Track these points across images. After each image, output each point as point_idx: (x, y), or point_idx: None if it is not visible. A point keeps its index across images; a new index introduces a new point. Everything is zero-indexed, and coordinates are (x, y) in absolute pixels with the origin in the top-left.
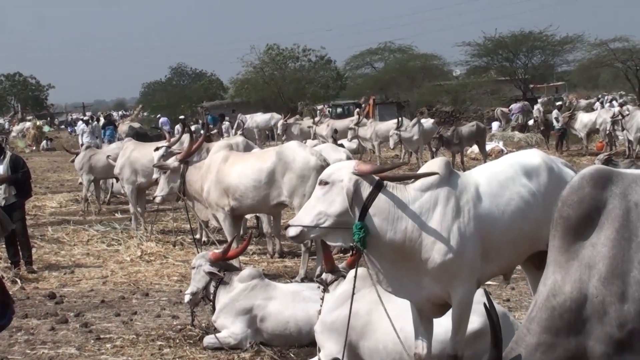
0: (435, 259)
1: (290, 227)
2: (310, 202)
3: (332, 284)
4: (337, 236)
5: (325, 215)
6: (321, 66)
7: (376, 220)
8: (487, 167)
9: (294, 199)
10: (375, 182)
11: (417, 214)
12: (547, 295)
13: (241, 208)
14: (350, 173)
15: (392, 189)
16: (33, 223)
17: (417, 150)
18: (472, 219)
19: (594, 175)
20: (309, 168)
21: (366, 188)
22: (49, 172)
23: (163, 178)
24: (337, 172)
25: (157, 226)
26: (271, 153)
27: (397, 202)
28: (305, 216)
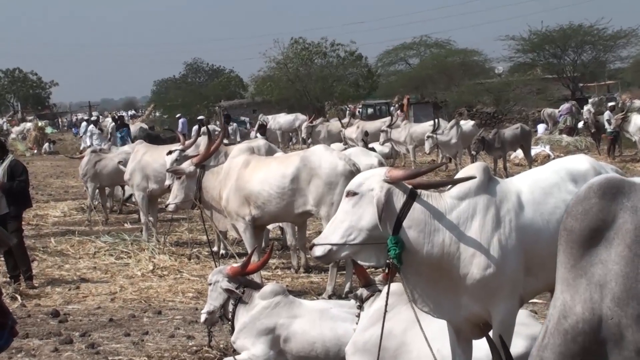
0: (474, 275)
1: (316, 246)
2: (338, 217)
3: (368, 300)
4: (370, 254)
5: (355, 230)
6: (351, 62)
7: (411, 233)
8: (530, 173)
9: (320, 207)
10: (409, 191)
11: (455, 225)
12: (558, 318)
13: (263, 217)
14: (381, 181)
15: (427, 198)
16: (34, 234)
17: (456, 155)
18: (514, 230)
19: (602, 185)
20: (337, 174)
21: (399, 197)
22: (51, 177)
23: (177, 184)
24: (366, 181)
25: (170, 237)
26: (295, 158)
27: (433, 212)
28: (332, 233)
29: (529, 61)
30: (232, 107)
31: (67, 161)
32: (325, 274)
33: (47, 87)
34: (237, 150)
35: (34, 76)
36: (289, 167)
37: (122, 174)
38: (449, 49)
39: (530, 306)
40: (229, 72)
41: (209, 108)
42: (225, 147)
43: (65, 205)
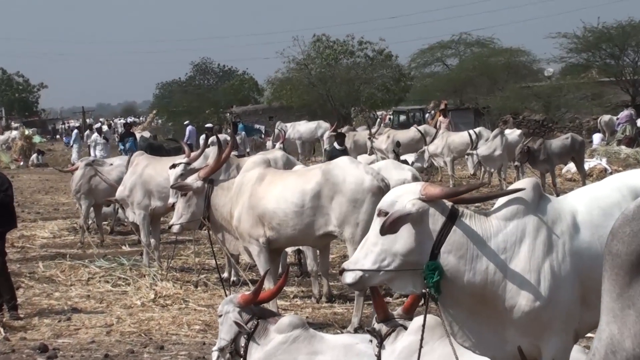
0: (522, 307)
1: (347, 272)
2: (369, 239)
3: (389, 336)
4: (406, 281)
5: (388, 255)
6: (380, 63)
7: (451, 258)
8: (586, 190)
9: (344, 228)
10: (448, 211)
11: (501, 250)
12: (606, 353)
13: (280, 239)
14: (416, 200)
15: (470, 219)
16: (20, 257)
17: (500, 168)
18: (568, 255)
19: None
20: (363, 190)
21: (438, 218)
22: (39, 193)
23: (182, 202)
24: (399, 199)
25: (174, 262)
26: (317, 171)
27: (476, 235)
28: (364, 257)
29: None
30: (246, 114)
31: (58, 175)
32: (350, 304)
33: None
34: (250, 163)
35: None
36: (309, 182)
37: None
38: (492, 48)
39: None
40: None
41: (220, 114)
42: (238, 160)
43: (55, 225)
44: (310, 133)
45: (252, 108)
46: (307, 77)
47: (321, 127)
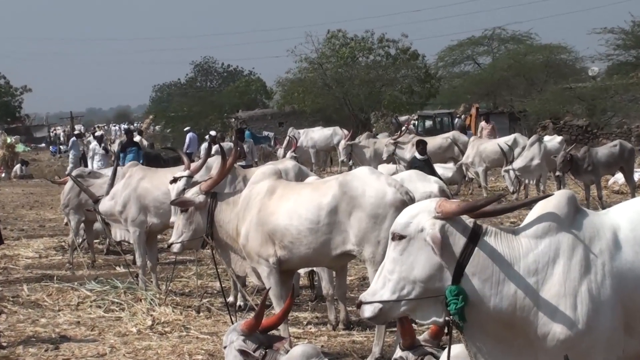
0: (556, 335)
1: (365, 305)
2: (386, 266)
3: None
4: (429, 309)
5: (407, 282)
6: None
7: (475, 282)
8: (631, 204)
9: (364, 247)
10: (470, 229)
11: (531, 272)
12: None
13: (292, 260)
14: (432, 218)
15: (495, 237)
16: (2, 280)
17: (539, 180)
18: (608, 277)
19: None
20: (385, 204)
21: (458, 238)
22: (23, 208)
23: (182, 219)
24: (414, 219)
25: (174, 284)
26: (333, 183)
27: (503, 255)
28: (382, 287)
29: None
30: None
31: (44, 187)
32: (370, 332)
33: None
34: (259, 174)
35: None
36: (325, 196)
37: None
38: (529, 45)
39: None
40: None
41: (224, 120)
42: (244, 171)
43: (41, 243)
44: (325, 141)
45: (260, 113)
46: (322, 78)
47: (337, 134)
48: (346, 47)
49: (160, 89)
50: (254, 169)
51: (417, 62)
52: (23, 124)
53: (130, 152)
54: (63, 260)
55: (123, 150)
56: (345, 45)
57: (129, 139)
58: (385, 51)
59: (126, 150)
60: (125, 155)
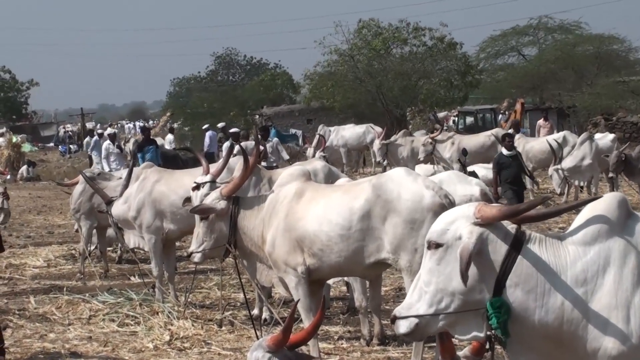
0: (608, 349)
1: (399, 319)
2: (422, 277)
3: None
4: (469, 324)
5: (445, 295)
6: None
7: (518, 293)
8: None
9: (400, 255)
10: (512, 236)
11: (580, 282)
12: None
13: (322, 269)
14: (470, 225)
15: (540, 245)
16: (7, 291)
17: (590, 182)
18: None
19: None
20: (422, 208)
21: (500, 246)
22: (30, 213)
23: (203, 226)
24: (451, 226)
25: (194, 296)
26: (366, 186)
27: (548, 264)
28: (418, 300)
29: None
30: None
31: (53, 190)
32: (407, 348)
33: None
34: (286, 176)
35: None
36: (357, 199)
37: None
38: (578, 35)
39: None
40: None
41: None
42: (270, 172)
43: (50, 251)
44: (358, 139)
45: (286, 109)
46: (353, 71)
47: (370, 132)
48: (379, 37)
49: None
50: (280, 170)
51: (456, 53)
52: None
53: (148, 151)
54: (73, 269)
55: (140, 149)
56: (378, 35)
57: (146, 137)
58: (421, 41)
59: (143, 150)
60: (143, 155)
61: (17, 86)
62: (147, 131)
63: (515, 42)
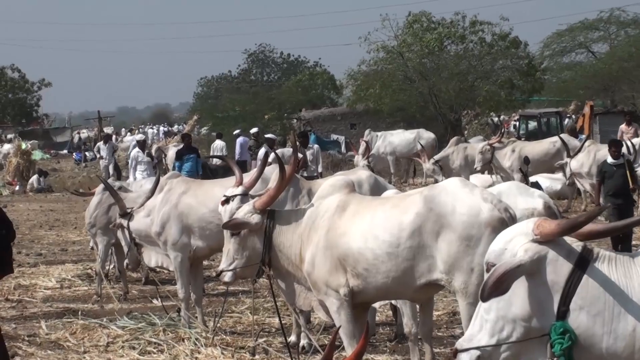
0: None
1: (461, 353)
2: (482, 305)
3: None
4: (534, 353)
5: (507, 322)
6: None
7: (583, 318)
8: None
9: (454, 275)
10: (577, 254)
11: None
12: None
13: (367, 291)
14: (528, 242)
15: (608, 263)
16: (16, 315)
17: None
18: None
19: None
20: (480, 224)
21: (561, 265)
22: (42, 228)
23: (234, 243)
24: (509, 244)
25: (224, 321)
26: (416, 198)
27: (617, 285)
28: (479, 330)
29: None
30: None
31: (67, 202)
32: None
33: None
34: (327, 187)
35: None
36: (407, 213)
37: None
38: None
39: None
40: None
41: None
42: (309, 183)
43: (63, 270)
44: (407, 146)
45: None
46: (402, 70)
47: (422, 138)
48: (432, 32)
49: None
50: (321, 180)
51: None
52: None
53: (188, 160)
54: (89, 291)
55: (179, 158)
56: (430, 30)
57: (186, 145)
58: (479, 37)
59: (183, 159)
60: (182, 164)
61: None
62: (187, 138)
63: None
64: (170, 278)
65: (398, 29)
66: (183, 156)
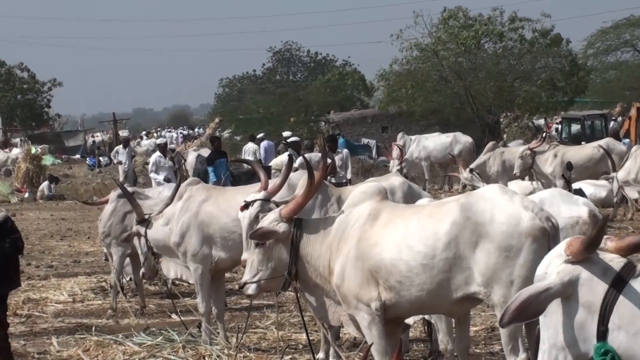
0: None
1: None
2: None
3: None
4: None
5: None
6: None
7: (622, 338)
8: None
9: (493, 289)
10: (614, 272)
11: None
12: None
13: (400, 305)
14: (562, 264)
15: None
16: (25, 331)
17: None
18: None
19: None
20: (520, 233)
21: (596, 284)
22: (53, 238)
23: (259, 253)
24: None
25: (247, 337)
26: (452, 206)
27: None
28: None
29: None
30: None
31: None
32: None
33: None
34: (358, 194)
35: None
36: (442, 222)
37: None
38: None
39: None
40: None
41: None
42: (339, 190)
43: (75, 283)
44: (443, 150)
45: (357, 114)
46: (437, 70)
47: (459, 142)
48: (468, 29)
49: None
50: (351, 187)
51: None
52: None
53: (219, 164)
54: (104, 305)
55: (210, 162)
56: (466, 27)
57: (216, 149)
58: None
59: (214, 163)
60: (214, 169)
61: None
62: (217, 141)
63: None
64: (190, 291)
65: (432, 25)
66: (214, 160)
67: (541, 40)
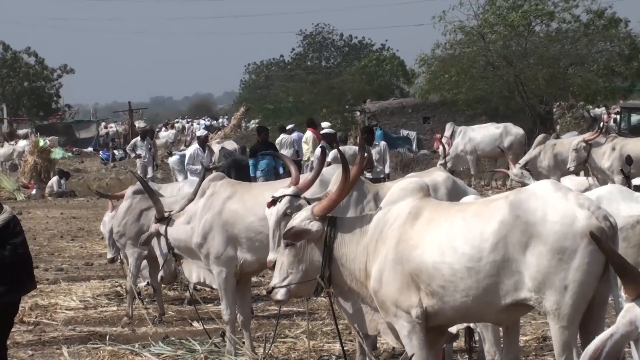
0: None
1: None
2: None
3: None
4: None
5: None
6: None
7: None
8: None
9: (545, 294)
10: None
11: None
12: None
13: (443, 312)
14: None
15: None
16: (33, 340)
17: None
18: None
19: None
20: (575, 234)
21: None
22: (63, 239)
23: (289, 255)
24: None
25: (276, 347)
26: (501, 204)
27: None
28: None
29: None
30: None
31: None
32: None
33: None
34: (397, 191)
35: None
36: (490, 222)
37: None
38: None
39: None
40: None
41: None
42: (376, 186)
43: (88, 288)
44: (492, 143)
45: (396, 104)
46: (484, 55)
47: (510, 134)
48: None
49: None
50: (389, 183)
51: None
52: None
53: (264, 157)
54: (119, 312)
55: (253, 155)
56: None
57: (262, 140)
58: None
59: (257, 155)
60: (256, 162)
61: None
62: (264, 132)
63: None
64: (213, 297)
65: (478, 6)
66: (257, 152)
67: (598, 22)
